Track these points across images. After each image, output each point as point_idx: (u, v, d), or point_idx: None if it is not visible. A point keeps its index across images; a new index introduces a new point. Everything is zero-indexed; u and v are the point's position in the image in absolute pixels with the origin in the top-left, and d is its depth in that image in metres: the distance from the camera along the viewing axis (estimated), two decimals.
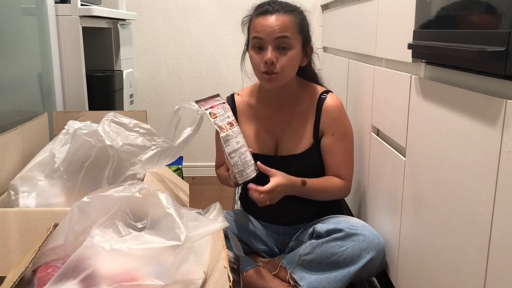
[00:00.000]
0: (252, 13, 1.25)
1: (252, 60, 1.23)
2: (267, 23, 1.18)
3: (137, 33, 2.35)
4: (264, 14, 1.20)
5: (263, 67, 1.19)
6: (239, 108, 1.33)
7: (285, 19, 1.18)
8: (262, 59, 1.18)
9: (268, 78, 1.20)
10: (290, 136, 1.28)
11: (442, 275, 0.83)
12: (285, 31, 1.17)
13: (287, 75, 1.22)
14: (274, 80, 1.20)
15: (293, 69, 1.23)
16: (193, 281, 0.77)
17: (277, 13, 1.19)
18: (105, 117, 1.14)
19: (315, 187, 1.22)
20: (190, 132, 1.15)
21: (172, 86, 2.44)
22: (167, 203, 0.79)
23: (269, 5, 1.21)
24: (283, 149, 1.28)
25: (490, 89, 0.68)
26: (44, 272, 0.75)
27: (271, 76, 1.19)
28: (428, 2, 0.85)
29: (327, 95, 1.28)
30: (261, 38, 1.18)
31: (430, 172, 0.87)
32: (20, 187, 1.03)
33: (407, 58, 0.97)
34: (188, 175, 2.42)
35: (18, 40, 1.43)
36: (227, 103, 1.33)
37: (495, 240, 0.65)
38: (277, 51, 1.18)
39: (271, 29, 1.17)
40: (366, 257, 1.12)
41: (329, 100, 1.27)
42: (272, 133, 1.29)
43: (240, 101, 1.34)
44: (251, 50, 1.23)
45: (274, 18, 1.18)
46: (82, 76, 1.54)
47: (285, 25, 1.18)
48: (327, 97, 1.27)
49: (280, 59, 1.18)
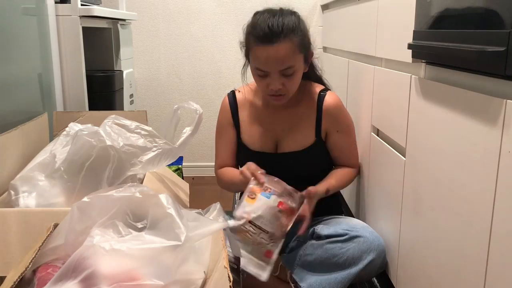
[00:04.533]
0: (250, 37, 1.18)
1: (256, 83, 1.23)
2: (269, 56, 1.13)
3: (137, 33, 2.35)
4: (264, 44, 1.13)
5: (270, 92, 1.19)
6: (240, 105, 1.34)
7: (286, 47, 1.13)
8: (267, 85, 1.17)
9: (276, 98, 1.21)
10: (290, 135, 1.28)
11: (442, 275, 0.83)
12: (289, 62, 1.14)
13: (294, 91, 1.23)
14: (282, 100, 1.22)
15: (298, 84, 1.23)
16: (193, 281, 0.77)
17: (278, 42, 1.12)
18: (107, 119, 1.14)
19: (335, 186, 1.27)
20: (189, 132, 1.15)
21: (172, 86, 2.44)
22: (167, 203, 0.79)
23: (269, 29, 1.12)
24: (283, 147, 1.29)
25: (490, 89, 0.68)
26: (44, 272, 0.75)
27: (279, 97, 1.21)
28: (428, 2, 0.85)
29: (326, 93, 1.28)
30: (265, 70, 1.16)
31: (430, 172, 0.87)
32: (20, 187, 1.03)
33: (407, 58, 0.97)
34: (188, 175, 2.42)
35: (18, 40, 1.43)
36: (228, 99, 1.34)
37: (495, 240, 0.65)
38: (283, 77, 1.17)
39: (274, 63, 1.14)
40: (367, 258, 1.12)
41: (328, 99, 1.27)
42: (272, 132, 1.30)
43: (241, 98, 1.34)
44: (254, 75, 1.21)
45: (276, 50, 1.12)
46: (82, 76, 1.54)
47: (288, 56, 1.14)
48: (326, 96, 1.28)
49: (286, 84, 1.18)
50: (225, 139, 1.34)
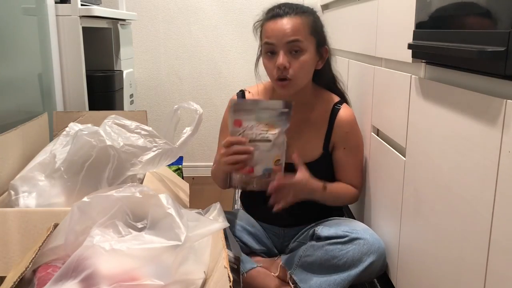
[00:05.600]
0: (263, 18, 1.21)
1: (265, 67, 1.21)
2: (278, 27, 1.15)
3: (137, 33, 2.35)
4: (274, 18, 1.16)
5: (276, 73, 1.16)
6: None
7: (296, 21, 1.15)
8: (275, 64, 1.15)
9: (281, 84, 1.17)
10: (300, 144, 1.24)
11: (442, 275, 0.83)
12: (296, 34, 1.14)
13: (302, 81, 1.19)
14: (288, 87, 1.17)
15: (307, 74, 1.20)
16: (193, 281, 0.77)
17: (288, 15, 1.15)
18: (107, 119, 1.14)
19: (333, 193, 1.22)
20: (189, 132, 1.15)
21: (172, 86, 2.44)
22: (167, 203, 0.80)
23: (279, 8, 1.18)
24: (289, 155, 1.26)
25: (490, 89, 0.68)
26: (44, 272, 0.75)
27: (285, 82, 1.17)
28: (428, 2, 0.85)
29: (341, 106, 1.25)
30: (272, 43, 1.15)
31: (430, 172, 0.87)
32: (20, 187, 1.03)
33: (407, 58, 0.97)
34: (188, 175, 2.42)
35: (18, 40, 1.43)
36: (238, 99, 1.31)
37: (495, 240, 0.65)
38: (290, 55, 1.15)
39: (282, 33, 1.14)
40: (367, 261, 1.12)
41: (342, 113, 1.24)
42: None
43: (250, 98, 1.31)
44: (263, 57, 1.20)
45: (284, 22, 1.15)
46: (82, 76, 1.54)
47: (297, 28, 1.14)
48: (341, 109, 1.25)
49: (293, 64, 1.15)
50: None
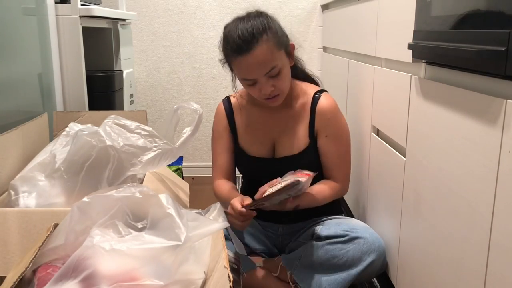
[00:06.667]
0: (226, 52, 1.17)
1: (248, 91, 1.22)
2: (250, 64, 1.12)
3: (137, 33, 2.35)
4: (241, 54, 1.11)
5: (264, 96, 1.18)
6: (235, 111, 1.33)
7: (264, 49, 1.11)
8: (259, 90, 1.16)
9: (272, 101, 1.20)
10: (286, 137, 1.27)
11: (442, 275, 0.83)
12: (271, 62, 1.12)
13: (287, 89, 1.22)
14: (278, 99, 1.20)
15: (289, 80, 1.22)
16: (193, 281, 0.77)
17: (253, 47, 1.10)
18: (107, 119, 1.14)
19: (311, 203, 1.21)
20: (189, 132, 1.15)
21: (172, 86, 2.44)
22: (167, 203, 0.79)
23: (240, 40, 1.11)
24: (280, 151, 1.28)
25: (490, 89, 0.68)
26: (44, 272, 0.75)
27: (274, 99, 1.19)
28: (428, 2, 0.85)
29: (321, 95, 1.26)
30: (252, 79, 1.15)
31: (430, 172, 0.87)
32: (20, 187, 1.03)
33: (407, 58, 0.97)
34: (188, 175, 2.42)
35: (18, 40, 1.43)
36: (224, 105, 1.33)
37: (495, 240, 0.65)
38: (271, 79, 1.15)
39: (257, 68, 1.12)
40: (367, 260, 1.12)
41: (323, 101, 1.25)
42: (268, 135, 1.28)
43: (236, 103, 1.33)
44: (243, 84, 1.20)
45: (254, 56, 1.11)
46: (82, 76, 1.54)
47: (268, 57, 1.12)
48: (321, 97, 1.26)
49: (276, 83, 1.16)
50: (223, 146, 1.33)
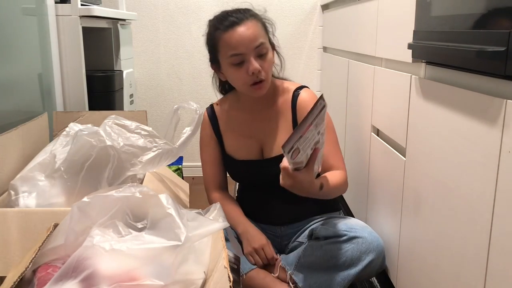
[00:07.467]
0: (215, 30, 1.18)
1: (235, 79, 1.19)
2: (241, 35, 1.13)
3: (137, 33, 2.35)
4: (231, 27, 1.13)
5: (250, 80, 1.16)
6: (220, 118, 1.32)
7: (253, 24, 1.15)
8: (247, 71, 1.14)
9: (258, 87, 1.17)
10: (272, 137, 1.26)
11: (442, 275, 0.83)
12: (259, 37, 1.14)
13: (270, 78, 1.21)
14: (263, 87, 1.18)
15: (271, 70, 1.22)
16: (193, 281, 0.77)
17: (244, 21, 1.14)
18: (107, 119, 1.14)
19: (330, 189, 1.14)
20: (189, 132, 1.15)
21: (172, 86, 2.44)
22: (167, 203, 0.80)
23: (232, 16, 1.15)
24: (268, 152, 1.27)
25: (490, 89, 0.68)
26: (44, 272, 0.75)
27: (260, 84, 1.17)
28: (428, 2, 0.85)
29: (301, 91, 1.26)
30: (241, 53, 1.14)
31: (430, 172, 0.87)
32: (20, 187, 1.03)
33: (407, 58, 0.97)
34: (188, 175, 2.42)
35: (18, 40, 1.43)
36: (208, 114, 1.32)
37: (495, 240, 0.65)
38: (258, 59, 1.15)
39: (248, 40, 1.13)
40: (366, 259, 1.12)
41: (302, 96, 1.25)
42: (255, 137, 1.28)
43: (219, 111, 1.33)
44: (230, 70, 1.18)
45: (245, 28, 1.13)
46: (82, 76, 1.54)
47: (257, 32, 1.15)
48: (301, 93, 1.25)
49: (263, 66, 1.16)
50: (210, 154, 1.33)
